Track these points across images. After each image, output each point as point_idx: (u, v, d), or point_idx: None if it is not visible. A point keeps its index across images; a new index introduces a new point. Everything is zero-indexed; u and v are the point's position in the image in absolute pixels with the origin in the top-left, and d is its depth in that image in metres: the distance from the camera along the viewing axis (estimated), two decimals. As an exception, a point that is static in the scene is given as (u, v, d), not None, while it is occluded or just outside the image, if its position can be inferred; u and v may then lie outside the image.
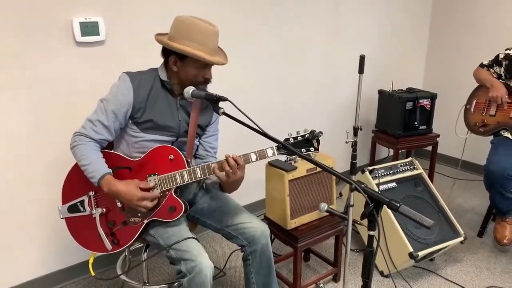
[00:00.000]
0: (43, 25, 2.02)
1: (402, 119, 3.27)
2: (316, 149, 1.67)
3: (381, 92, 3.44)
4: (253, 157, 1.65)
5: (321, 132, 1.65)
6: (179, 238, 1.65)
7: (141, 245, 2.03)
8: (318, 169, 2.21)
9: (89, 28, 2.13)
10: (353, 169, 1.88)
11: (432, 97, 3.32)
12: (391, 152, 3.49)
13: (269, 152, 1.64)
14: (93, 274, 1.79)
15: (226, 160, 1.62)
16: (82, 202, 1.74)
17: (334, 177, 2.28)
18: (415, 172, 2.63)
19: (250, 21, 2.76)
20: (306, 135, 1.65)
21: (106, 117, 1.67)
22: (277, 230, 2.26)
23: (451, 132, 3.02)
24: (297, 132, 1.66)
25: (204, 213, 1.90)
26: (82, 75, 2.16)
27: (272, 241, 2.40)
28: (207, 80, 1.71)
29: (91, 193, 1.73)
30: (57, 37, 2.07)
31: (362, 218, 1.08)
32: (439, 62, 4.07)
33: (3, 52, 1.94)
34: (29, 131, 2.10)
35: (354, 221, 2.15)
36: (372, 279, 1.10)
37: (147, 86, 1.70)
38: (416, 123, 3.30)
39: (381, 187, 2.48)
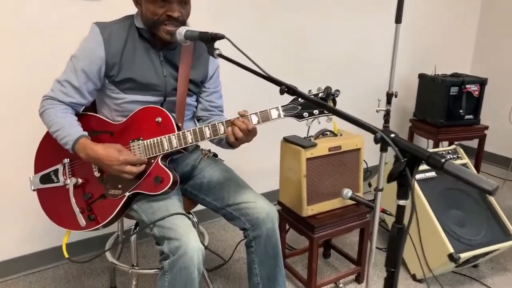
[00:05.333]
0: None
1: (445, 106, 2.88)
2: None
3: (422, 76, 3.06)
4: (254, 119, 1.36)
5: (338, 91, 1.32)
6: (165, 213, 1.38)
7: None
8: (343, 148, 1.89)
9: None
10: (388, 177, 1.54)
11: (482, 83, 2.91)
12: (431, 144, 3.10)
13: (274, 113, 1.35)
14: (66, 256, 1.54)
15: (234, 123, 1.35)
16: (56, 171, 1.50)
17: (362, 159, 1.95)
18: (459, 161, 2.25)
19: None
20: (320, 94, 1.34)
21: (75, 77, 1.42)
22: (292, 218, 1.95)
23: (502, 125, 2.60)
24: (309, 91, 1.36)
25: (202, 189, 1.62)
26: (78, 29, 1.93)
27: (286, 231, 2.11)
28: (171, 18, 1.38)
29: (66, 161, 1.49)
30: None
31: (389, 179, 0.76)
32: (490, 46, 3.60)
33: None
34: (16, 86, 1.89)
35: (383, 211, 1.82)
36: (399, 269, 0.78)
37: (121, 37, 1.43)
38: (461, 111, 2.90)
39: (418, 176, 2.12)
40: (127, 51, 1.44)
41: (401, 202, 0.77)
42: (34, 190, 1.54)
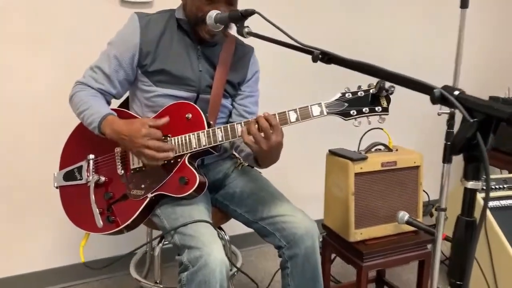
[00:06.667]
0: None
1: (523, 132, 2.52)
2: (385, 110, 1.17)
3: (493, 99, 2.74)
4: (293, 116, 1.20)
5: (393, 87, 1.14)
6: (189, 220, 1.22)
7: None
8: (399, 165, 1.64)
9: (137, -13, 1.90)
10: (448, 154, 1.30)
11: None
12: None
13: (315, 110, 1.19)
14: (83, 260, 1.42)
15: (256, 120, 1.19)
16: (80, 168, 1.42)
17: (421, 179, 1.69)
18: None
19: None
20: (371, 90, 1.16)
21: (107, 64, 1.36)
22: (337, 243, 1.70)
23: None
24: (358, 87, 1.18)
25: (234, 199, 1.46)
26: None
27: (332, 260, 1.86)
28: None
29: (91, 157, 1.40)
30: (100, -7, 1.86)
31: (453, 150, 0.55)
32: None
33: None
34: (57, 91, 1.85)
35: (446, 239, 1.53)
36: (469, 282, 0.54)
37: (159, 26, 1.37)
38: (542, 138, 2.52)
39: (492, 203, 1.80)
40: (164, 41, 1.37)
41: (471, 184, 0.54)
42: (56, 187, 1.46)
